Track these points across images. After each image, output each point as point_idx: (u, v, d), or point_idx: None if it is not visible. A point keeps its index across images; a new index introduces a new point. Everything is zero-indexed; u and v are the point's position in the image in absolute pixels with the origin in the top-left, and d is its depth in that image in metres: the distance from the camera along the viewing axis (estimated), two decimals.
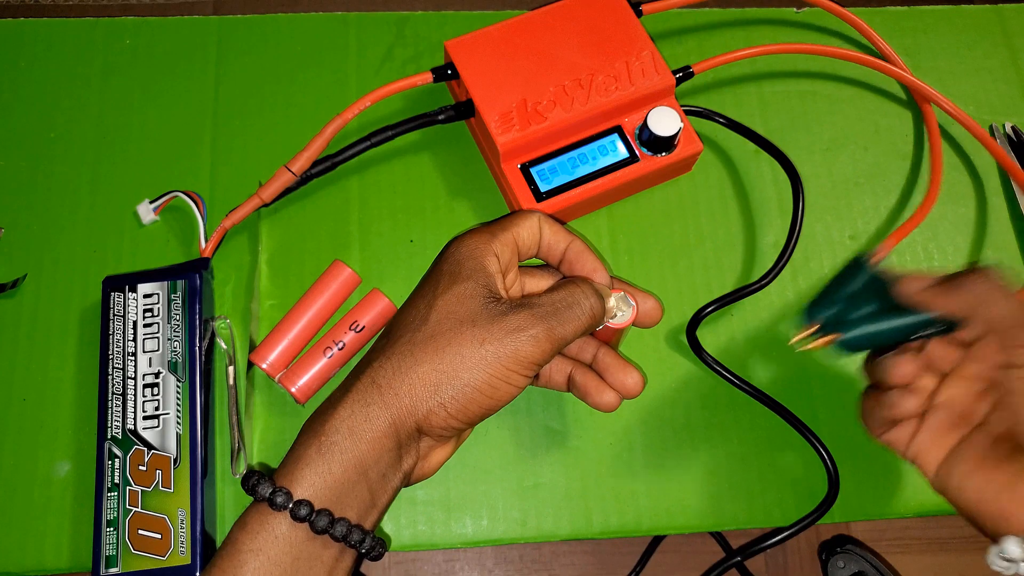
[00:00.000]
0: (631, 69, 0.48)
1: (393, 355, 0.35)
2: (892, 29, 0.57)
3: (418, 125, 0.48)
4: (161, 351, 0.43)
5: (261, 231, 0.49)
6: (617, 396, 0.40)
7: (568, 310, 0.36)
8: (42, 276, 0.47)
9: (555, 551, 0.48)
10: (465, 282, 0.36)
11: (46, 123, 0.51)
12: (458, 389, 0.34)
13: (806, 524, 0.45)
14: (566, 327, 0.36)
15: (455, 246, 0.38)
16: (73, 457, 0.44)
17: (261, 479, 0.33)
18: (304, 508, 0.32)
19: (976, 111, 0.56)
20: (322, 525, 0.32)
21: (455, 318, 0.35)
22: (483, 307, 0.35)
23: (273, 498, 0.32)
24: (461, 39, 0.48)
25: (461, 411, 0.35)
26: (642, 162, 0.48)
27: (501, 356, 0.34)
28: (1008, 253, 0.52)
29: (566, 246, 0.40)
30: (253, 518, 0.33)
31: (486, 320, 0.35)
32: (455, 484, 0.45)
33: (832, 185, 0.53)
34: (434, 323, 0.35)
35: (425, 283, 0.38)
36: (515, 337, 0.35)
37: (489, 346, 0.34)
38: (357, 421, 0.34)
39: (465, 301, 0.35)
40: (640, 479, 0.46)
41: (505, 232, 0.39)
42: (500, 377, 0.35)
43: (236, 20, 0.54)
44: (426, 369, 0.34)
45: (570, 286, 0.38)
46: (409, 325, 0.36)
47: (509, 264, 0.39)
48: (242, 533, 0.33)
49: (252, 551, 0.32)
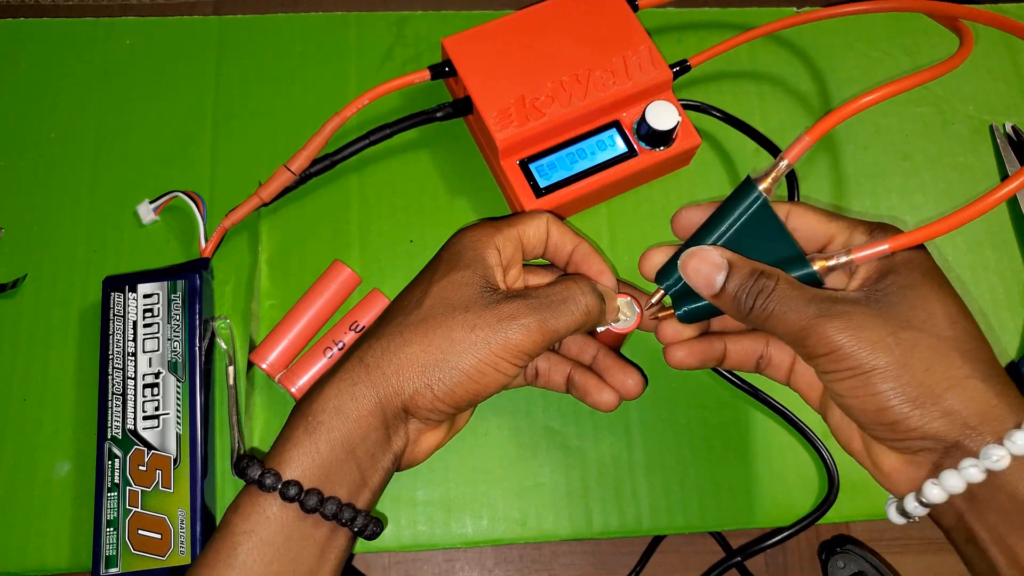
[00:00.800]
0: (628, 64, 0.48)
1: (383, 336, 0.35)
2: (892, 29, 0.57)
3: (417, 123, 0.48)
4: (161, 351, 0.43)
5: (261, 231, 0.49)
6: (616, 395, 0.40)
7: (563, 304, 0.36)
8: (42, 276, 0.47)
9: (555, 551, 0.48)
10: (463, 270, 0.36)
11: (46, 123, 0.51)
12: (446, 372, 0.34)
13: (806, 524, 0.45)
14: (559, 320, 0.36)
15: (457, 237, 0.39)
16: (73, 457, 0.44)
17: (251, 462, 0.33)
18: (293, 488, 0.32)
19: (976, 111, 0.56)
20: (312, 504, 0.33)
21: (448, 303, 0.35)
22: (478, 295, 0.36)
23: (263, 480, 0.33)
24: (458, 36, 0.48)
25: (448, 394, 0.35)
26: (640, 156, 0.48)
27: (491, 342, 0.35)
28: (1008, 253, 0.52)
29: (573, 248, 0.40)
30: (245, 501, 0.33)
31: (479, 307, 0.35)
32: (455, 484, 0.45)
33: (832, 185, 0.53)
34: (427, 307, 0.35)
35: (424, 271, 0.39)
36: (507, 325, 0.35)
37: (480, 332, 0.35)
38: (344, 400, 0.34)
39: (460, 287, 0.36)
40: (640, 479, 0.46)
41: (510, 228, 0.39)
42: (489, 363, 0.35)
43: (236, 20, 0.54)
44: (414, 350, 0.35)
45: (567, 281, 0.38)
46: (403, 308, 0.36)
47: (512, 260, 0.39)
48: (235, 516, 0.33)
49: (245, 532, 0.33)
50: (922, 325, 0.32)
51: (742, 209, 0.36)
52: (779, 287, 0.33)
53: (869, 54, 0.57)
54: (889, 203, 0.53)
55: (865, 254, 0.33)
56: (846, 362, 0.32)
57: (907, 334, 0.31)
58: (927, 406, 0.31)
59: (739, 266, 0.34)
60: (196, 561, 0.34)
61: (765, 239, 0.36)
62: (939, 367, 0.31)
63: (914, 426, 0.31)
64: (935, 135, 0.55)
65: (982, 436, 0.31)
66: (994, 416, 0.31)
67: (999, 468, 0.30)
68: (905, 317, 0.32)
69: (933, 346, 0.31)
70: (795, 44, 0.56)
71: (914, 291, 0.32)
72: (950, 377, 0.31)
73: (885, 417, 0.32)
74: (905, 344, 0.31)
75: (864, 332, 0.31)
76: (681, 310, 0.38)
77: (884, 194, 0.53)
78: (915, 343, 0.31)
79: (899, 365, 0.31)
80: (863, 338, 0.31)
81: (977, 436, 0.31)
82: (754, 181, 0.36)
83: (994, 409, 0.31)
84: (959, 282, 0.51)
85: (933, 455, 0.32)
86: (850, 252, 0.33)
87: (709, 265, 0.35)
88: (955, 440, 0.31)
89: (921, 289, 0.32)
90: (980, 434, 0.31)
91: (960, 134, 0.55)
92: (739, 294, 0.34)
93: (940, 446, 0.31)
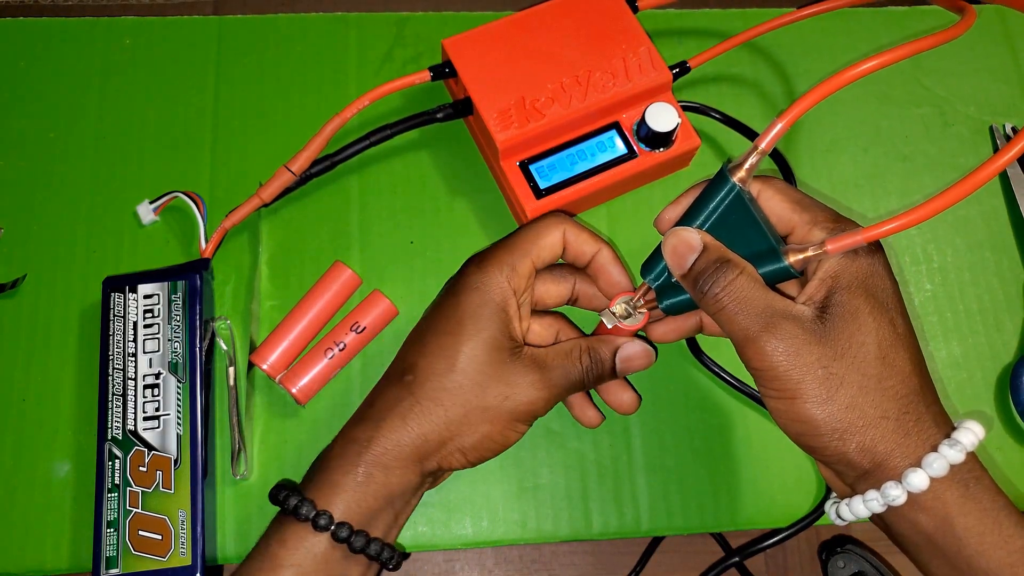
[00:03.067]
0: (628, 65, 0.48)
1: (423, 398, 0.37)
2: (893, 29, 0.57)
3: (417, 123, 0.48)
4: (161, 352, 0.43)
5: (261, 231, 0.49)
6: (599, 415, 0.43)
7: (571, 376, 0.40)
8: (42, 276, 0.47)
9: (555, 551, 0.49)
10: (489, 329, 0.38)
11: (46, 123, 0.51)
12: (477, 439, 0.38)
13: (806, 524, 0.45)
14: (566, 391, 0.40)
15: (475, 279, 0.39)
16: (73, 458, 0.44)
17: (301, 500, 0.36)
18: (344, 530, 0.35)
19: (977, 111, 0.56)
20: (359, 545, 0.36)
21: (482, 372, 0.38)
22: (509, 359, 0.38)
23: (317, 520, 0.35)
24: (458, 37, 0.48)
25: (477, 457, 0.39)
26: (640, 158, 0.48)
27: (518, 414, 0.38)
28: (1008, 253, 0.52)
29: (594, 253, 0.41)
30: (290, 534, 0.36)
31: (510, 375, 0.38)
32: (455, 485, 0.45)
33: (832, 187, 0.53)
34: (460, 372, 0.38)
35: (446, 318, 0.39)
36: (531, 397, 0.38)
37: (508, 403, 0.38)
38: (390, 459, 0.37)
39: (490, 352, 0.38)
40: (640, 480, 0.46)
41: (524, 259, 0.40)
42: (512, 429, 0.39)
43: (236, 20, 0.54)
44: (453, 418, 0.37)
45: (573, 354, 0.40)
46: (435, 369, 0.38)
47: (525, 290, 0.40)
48: (281, 549, 0.36)
49: (292, 566, 0.35)
50: (853, 359, 0.33)
51: (717, 200, 0.36)
52: (738, 281, 0.34)
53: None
54: (889, 204, 0.53)
55: (839, 245, 0.34)
56: (776, 383, 0.34)
57: (837, 367, 0.33)
58: (844, 438, 0.33)
59: (710, 251, 0.35)
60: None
61: (741, 229, 0.36)
62: (860, 405, 0.33)
63: (832, 452, 0.34)
64: (935, 136, 0.55)
65: (886, 472, 0.33)
66: (900, 454, 0.33)
67: (897, 504, 0.33)
68: (841, 347, 0.33)
69: (858, 383, 0.33)
70: (795, 44, 0.56)
71: (855, 321, 0.34)
72: (866, 415, 0.33)
73: (805, 439, 0.34)
74: (834, 379, 0.33)
75: (800, 358, 0.33)
76: (664, 303, 0.38)
77: (884, 196, 0.53)
78: (843, 379, 0.33)
79: (824, 399, 0.33)
80: (797, 364, 0.33)
81: (881, 472, 0.33)
82: (729, 171, 0.36)
83: (900, 447, 0.33)
84: (959, 283, 0.51)
85: (851, 475, 0.35)
86: (824, 244, 0.34)
87: (685, 245, 0.36)
88: (867, 469, 0.34)
89: (860, 318, 0.34)
90: (885, 470, 0.33)
91: (960, 135, 0.55)
92: (699, 277, 0.35)
93: (855, 472, 0.34)
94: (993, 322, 0.51)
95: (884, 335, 0.34)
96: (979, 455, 0.42)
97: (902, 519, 0.34)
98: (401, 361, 0.39)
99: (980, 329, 0.51)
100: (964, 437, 0.33)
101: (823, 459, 0.35)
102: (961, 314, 0.51)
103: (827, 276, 0.35)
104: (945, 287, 0.51)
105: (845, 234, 0.34)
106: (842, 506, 0.36)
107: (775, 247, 0.35)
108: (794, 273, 0.35)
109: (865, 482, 0.34)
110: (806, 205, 0.36)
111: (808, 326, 0.34)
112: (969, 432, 0.33)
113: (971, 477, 0.33)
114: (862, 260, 0.35)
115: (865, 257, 0.35)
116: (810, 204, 0.36)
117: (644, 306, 0.40)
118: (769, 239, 0.36)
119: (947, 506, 0.33)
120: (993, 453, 0.48)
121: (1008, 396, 0.49)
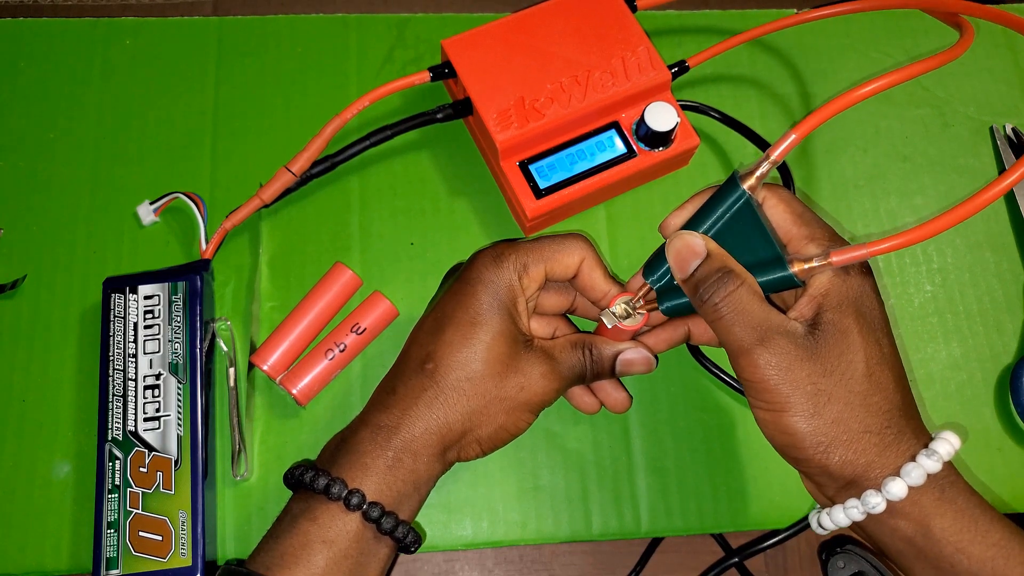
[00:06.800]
0: (627, 65, 0.48)
1: (447, 388, 0.38)
2: (892, 30, 0.57)
3: (417, 124, 0.48)
4: (162, 353, 0.43)
5: (262, 232, 0.49)
6: (597, 402, 0.44)
7: (577, 368, 0.41)
8: (42, 276, 0.47)
9: (555, 551, 0.49)
10: (505, 321, 0.39)
11: (46, 123, 0.51)
12: (494, 430, 0.39)
13: (805, 524, 0.45)
14: (572, 382, 0.41)
15: (491, 273, 0.39)
16: (73, 458, 0.44)
17: (332, 479, 0.36)
18: (376, 510, 0.36)
19: (977, 112, 0.56)
20: (388, 526, 0.36)
21: (501, 362, 0.38)
22: (523, 351, 0.39)
23: (349, 498, 0.36)
24: (458, 37, 0.48)
25: (491, 447, 0.40)
26: (640, 157, 0.48)
27: (531, 404, 0.39)
28: (1008, 254, 0.52)
29: (600, 297, 0.41)
30: (322, 512, 0.36)
31: (525, 365, 0.39)
32: (455, 487, 0.45)
33: (832, 187, 0.53)
34: (482, 362, 0.38)
35: (463, 308, 0.39)
36: (544, 387, 0.39)
37: (523, 394, 0.39)
38: (419, 445, 0.37)
39: (507, 344, 0.39)
40: (639, 481, 0.46)
41: (539, 265, 0.40)
42: (524, 419, 0.40)
43: (236, 21, 0.54)
44: (475, 408, 0.38)
45: (578, 347, 0.41)
46: (457, 359, 0.38)
47: (532, 295, 0.41)
48: (312, 525, 0.36)
49: (324, 542, 0.35)
50: (842, 376, 0.34)
51: (726, 207, 0.37)
52: (738, 292, 0.35)
53: (869, 55, 0.57)
54: (889, 205, 0.53)
55: (844, 258, 0.34)
56: (766, 395, 0.35)
57: (826, 383, 0.34)
58: (828, 451, 0.34)
59: (713, 258, 0.36)
60: (261, 558, 0.35)
61: (747, 237, 0.37)
62: (845, 421, 0.34)
63: (815, 464, 0.35)
64: (935, 137, 0.55)
65: (866, 483, 0.34)
66: (880, 464, 0.34)
67: (877, 512, 0.34)
68: (831, 364, 0.34)
69: (845, 399, 0.34)
70: (794, 45, 0.56)
71: (845, 340, 0.35)
72: (851, 430, 0.34)
73: (790, 451, 0.35)
74: (822, 395, 0.34)
75: (791, 373, 0.34)
76: (664, 305, 0.39)
77: (884, 196, 0.53)
78: (831, 395, 0.34)
79: (811, 413, 0.34)
80: (788, 379, 0.34)
81: (862, 483, 0.34)
82: (739, 179, 0.36)
83: (880, 459, 0.34)
84: (958, 284, 0.51)
85: (832, 487, 0.36)
86: (828, 256, 0.35)
87: (688, 250, 0.36)
88: (848, 480, 0.35)
89: (849, 337, 0.35)
90: (865, 481, 0.34)
91: (960, 136, 0.55)
92: (700, 284, 0.35)
93: (836, 484, 0.35)
94: (993, 323, 0.51)
95: (872, 354, 0.35)
96: (980, 456, 0.42)
97: (882, 526, 0.35)
98: (420, 348, 0.39)
99: (980, 330, 0.51)
100: (941, 447, 0.34)
101: (806, 471, 0.36)
102: (961, 315, 0.51)
103: (817, 294, 0.35)
104: (945, 288, 0.51)
105: (849, 247, 0.34)
106: (823, 515, 0.37)
107: (780, 256, 0.36)
108: (797, 282, 0.36)
109: (846, 492, 0.35)
110: (807, 220, 0.37)
111: (800, 342, 0.34)
112: (945, 442, 0.34)
113: (947, 482, 0.34)
114: (853, 280, 0.36)
115: (856, 278, 0.36)
116: (811, 219, 0.37)
117: (643, 307, 0.40)
118: (775, 247, 0.36)
119: (924, 510, 0.34)
120: (993, 453, 0.48)
121: (1008, 397, 0.49)
